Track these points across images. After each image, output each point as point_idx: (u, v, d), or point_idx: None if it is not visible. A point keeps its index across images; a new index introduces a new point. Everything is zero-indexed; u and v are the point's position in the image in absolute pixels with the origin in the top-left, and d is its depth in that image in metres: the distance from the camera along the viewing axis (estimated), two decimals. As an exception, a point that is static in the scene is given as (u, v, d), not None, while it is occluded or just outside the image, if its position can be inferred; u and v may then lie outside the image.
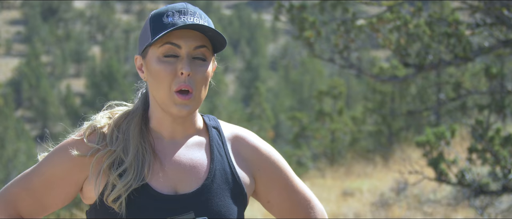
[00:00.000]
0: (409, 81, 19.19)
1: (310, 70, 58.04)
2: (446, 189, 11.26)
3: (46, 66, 75.01)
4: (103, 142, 2.33)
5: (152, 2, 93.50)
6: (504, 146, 7.63)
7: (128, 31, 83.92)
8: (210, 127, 2.41)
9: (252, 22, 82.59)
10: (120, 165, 2.30)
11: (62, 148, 2.36)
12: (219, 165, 2.36)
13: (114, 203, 2.26)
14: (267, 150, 2.45)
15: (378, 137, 21.79)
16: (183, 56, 2.27)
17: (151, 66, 2.30)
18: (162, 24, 2.28)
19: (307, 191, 2.50)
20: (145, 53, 2.33)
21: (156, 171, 2.31)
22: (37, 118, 64.35)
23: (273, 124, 44.64)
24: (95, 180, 2.30)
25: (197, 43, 2.28)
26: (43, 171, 2.35)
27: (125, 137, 2.34)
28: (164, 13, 2.30)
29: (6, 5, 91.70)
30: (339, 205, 12.19)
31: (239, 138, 2.44)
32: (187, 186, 2.31)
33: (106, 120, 2.39)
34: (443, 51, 8.13)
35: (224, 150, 2.39)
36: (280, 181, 2.45)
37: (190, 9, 2.30)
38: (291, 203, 2.47)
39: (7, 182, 31.27)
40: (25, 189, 2.36)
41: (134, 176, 2.28)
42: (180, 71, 2.26)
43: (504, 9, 7.33)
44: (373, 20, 8.19)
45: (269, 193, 2.45)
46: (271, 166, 2.44)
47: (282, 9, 8.54)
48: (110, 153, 2.31)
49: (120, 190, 2.26)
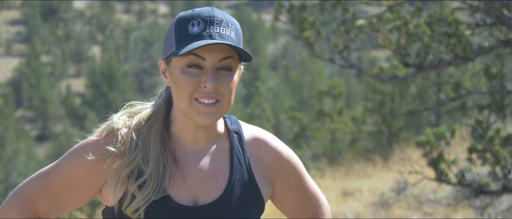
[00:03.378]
0: (409, 81, 19.18)
1: (310, 70, 58.03)
2: (446, 189, 11.25)
3: (46, 66, 74.98)
4: (121, 146, 2.27)
5: (152, 2, 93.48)
6: (504, 146, 7.63)
7: (128, 31, 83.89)
8: (232, 132, 2.36)
9: (252, 22, 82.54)
10: (140, 175, 2.25)
11: (80, 149, 2.30)
12: (238, 174, 2.32)
13: (133, 214, 2.24)
14: (287, 154, 2.42)
15: (378, 137, 21.79)
16: (208, 69, 2.21)
17: (175, 75, 2.23)
18: (187, 34, 2.20)
19: (317, 190, 2.50)
20: (169, 60, 2.26)
21: (176, 181, 2.27)
22: (37, 118, 64.32)
23: (273, 124, 44.62)
24: (114, 188, 2.26)
25: (222, 55, 2.21)
26: (62, 172, 2.31)
27: (145, 144, 2.28)
28: (190, 20, 2.22)
29: (6, 5, 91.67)
30: (339, 205, 12.19)
31: (260, 141, 2.39)
32: (206, 196, 2.28)
33: (124, 120, 2.33)
34: (443, 51, 8.13)
35: (244, 157, 2.35)
36: (297, 185, 2.44)
37: (217, 17, 2.22)
38: (303, 204, 2.47)
39: (7, 182, 30.93)
40: (43, 190, 2.32)
41: (153, 188, 2.23)
42: (204, 84, 2.20)
43: (504, 9, 7.33)
44: (373, 20, 8.19)
45: (285, 196, 2.43)
46: (290, 170, 2.42)
47: (282, 9, 8.54)
48: (129, 162, 2.26)
49: (139, 203, 2.23)
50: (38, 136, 61.17)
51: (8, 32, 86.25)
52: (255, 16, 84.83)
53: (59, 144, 45.68)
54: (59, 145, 45.39)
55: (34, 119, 64.78)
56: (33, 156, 39.35)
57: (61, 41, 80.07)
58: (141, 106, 2.37)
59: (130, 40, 78.78)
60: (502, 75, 9.12)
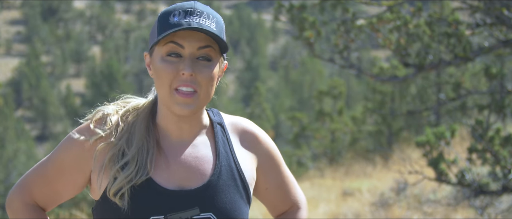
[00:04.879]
0: (409, 81, 19.19)
1: (310, 70, 58.05)
2: (446, 189, 11.26)
3: (46, 66, 75.01)
4: (108, 130, 2.34)
5: (152, 2, 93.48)
6: (504, 146, 7.63)
7: (128, 31, 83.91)
8: (215, 124, 2.41)
9: (252, 22, 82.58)
10: (123, 157, 2.30)
11: (71, 134, 2.38)
12: (224, 161, 2.36)
13: (115, 196, 2.26)
14: (264, 137, 2.49)
15: (378, 137, 21.80)
16: (186, 57, 2.26)
17: (155, 64, 2.29)
18: (168, 23, 2.27)
19: (293, 178, 2.58)
20: (152, 51, 2.33)
21: (161, 167, 2.31)
22: (37, 118, 64.35)
23: (273, 124, 44.64)
24: (98, 173, 2.31)
25: (200, 43, 2.27)
26: (54, 157, 2.39)
27: (131, 130, 2.34)
28: (171, 12, 2.29)
29: (6, 5, 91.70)
30: (338, 205, 12.19)
31: (239, 127, 2.46)
32: (192, 182, 2.31)
33: (114, 108, 2.39)
34: (443, 51, 8.13)
35: (228, 146, 2.40)
36: (276, 167, 2.50)
37: (198, 9, 2.29)
38: (284, 190, 2.52)
39: (7, 182, 31.04)
40: (40, 176, 2.39)
41: (136, 168, 2.27)
42: (181, 71, 2.25)
43: (504, 9, 7.33)
44: (373, 20, 8.19)
45: (267, 179, 2.48)
46: (270, 152, 2.48)
47: (282, 9, 8.54)
48: (113, 145, 2.32)
49: (121, 182, 2.26)
50: (38, 136, 61.21)
51: (8, 32, 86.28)
52: (255, 16, 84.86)
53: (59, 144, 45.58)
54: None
55: (34, 119, 64.81)
56: (33, 156, 39.33)
57: (61, 41, 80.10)
58: (133, 99, 2.44)
59: (130, 40, 78.82)
60: (502, 75, 9.12)
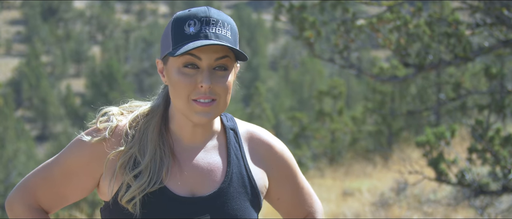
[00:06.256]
0: (409, 81, 19.19)
1: (310, 70, 58.02)
2: (446, 189, 11.25)
3: (46, 66, 74.98)
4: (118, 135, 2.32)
5: (152, 2, 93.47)
6: (504, 146, 7.63)
7: (128, 31, 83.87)
8: (228, 129, 2.40)
9: (252, 22, 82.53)
10: (136, 166, 2.29)
11: (79, 138, 2.35)
12: (235, 168, 2.36)
13: (128, 204, 2.26)
14: (281, 147, 2.47)
15: (378, 137, 21.79)
16: (204, 69, 2.24)
17: (171, 75, 2.27)
18: (184, 34, 2.24)
19: (310, 187, 2.56)
20: (165, 59, 2.30)
21: (174, 174, 2.30)
22: (37, 118, 64.31)
23: (273, 124, 44.62)
24: (109, 180, 2.30)
25: (218, 54, 2.24)
26: (62, 161, 2.36)
27: (143, 137, 2.32)
28: (186, 20, 2.26)
29: (6, 5, 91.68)
30: (339, 205, 12.18)
31: (254, 136, 2.45)
32: (204, 189, 2.31)
33: (118, 109, 2.39)
34: (443, 51, 8.13)
35: (240, 152, 2.39)
36: (291, 178, 2.48)
37: (213, 17, 2.27)
38: (298, 200, 2.51)
39: (7, 182, 31.02)
40: (44, 179, 2.37)
41: (149, 178, 2.26)
42: (200, 84, 2.23)
43: (504, 9, 7.33)
44: (373, 20, 8.19)
45: (280, 190, 2.47)
46: (284, 163, 2.46)
47: (282, 9, 8.54)
48: (124, 152, 2.30)
49: (134, 192, 2.26)
50: (38, 136, 61.18)
51: (8, 32, 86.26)
52: (255, 16, 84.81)
53: (59, 144, 45.69)
54: (59, 145, 45.40)
55: (34, 119, 64.77)
56: (33, 156, 39.34)
57: (61, 41, 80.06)
58: (140, 104, 2.42)
59: (130, 40, 78.76)
60: (502, 75, 9.12)
